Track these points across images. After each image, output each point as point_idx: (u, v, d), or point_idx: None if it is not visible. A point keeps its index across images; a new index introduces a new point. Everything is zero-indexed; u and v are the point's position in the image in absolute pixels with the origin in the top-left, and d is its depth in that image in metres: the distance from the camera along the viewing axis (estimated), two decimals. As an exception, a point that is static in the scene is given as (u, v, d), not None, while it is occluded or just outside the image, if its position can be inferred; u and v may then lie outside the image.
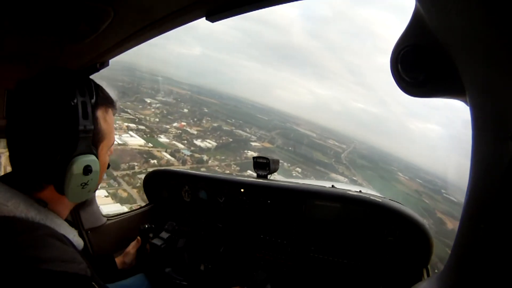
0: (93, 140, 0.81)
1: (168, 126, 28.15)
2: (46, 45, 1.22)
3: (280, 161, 2.26)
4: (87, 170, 0.78)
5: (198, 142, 26.83)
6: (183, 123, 30.63)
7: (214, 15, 0.96)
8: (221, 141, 29.60)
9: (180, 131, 28.09)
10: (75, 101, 0.74)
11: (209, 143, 27.48)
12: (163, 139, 24.89)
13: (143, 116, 28.16)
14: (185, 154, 23.53)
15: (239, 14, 0.96)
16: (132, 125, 24.84)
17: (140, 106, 30.44)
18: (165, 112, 31.76)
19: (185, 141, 26.31)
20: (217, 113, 38.42)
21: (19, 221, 0.70)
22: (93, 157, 0.80)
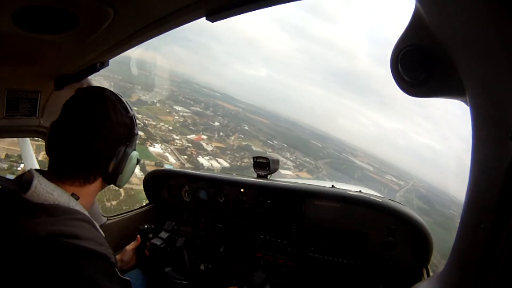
0: None
1: (177, 137, 23.54)
2: (46, 45, 1.22)
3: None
4: (138, 160, 1.07)
5: (203, 159, 21.66)
6: (203, 136, 26.22)
7: (214, 15, 0.97)
8: (238, 163, 23.80)
9: (189, 144, 23.24)
10: (131, 113, 1.01)
11: (219, 163, 22.26)
12: (155, 148, 20.41)
13: (154, 123, 23.76)
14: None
15: (239, 14, 0.96)
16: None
17: (168, 110, 27.56)
18: (188, 122, 27.74)
19: (185, 156, 21.22)
20: (259, 132, 33.91)
21: (62, 208, 0.83)
22: (136, 152, 1.07)
